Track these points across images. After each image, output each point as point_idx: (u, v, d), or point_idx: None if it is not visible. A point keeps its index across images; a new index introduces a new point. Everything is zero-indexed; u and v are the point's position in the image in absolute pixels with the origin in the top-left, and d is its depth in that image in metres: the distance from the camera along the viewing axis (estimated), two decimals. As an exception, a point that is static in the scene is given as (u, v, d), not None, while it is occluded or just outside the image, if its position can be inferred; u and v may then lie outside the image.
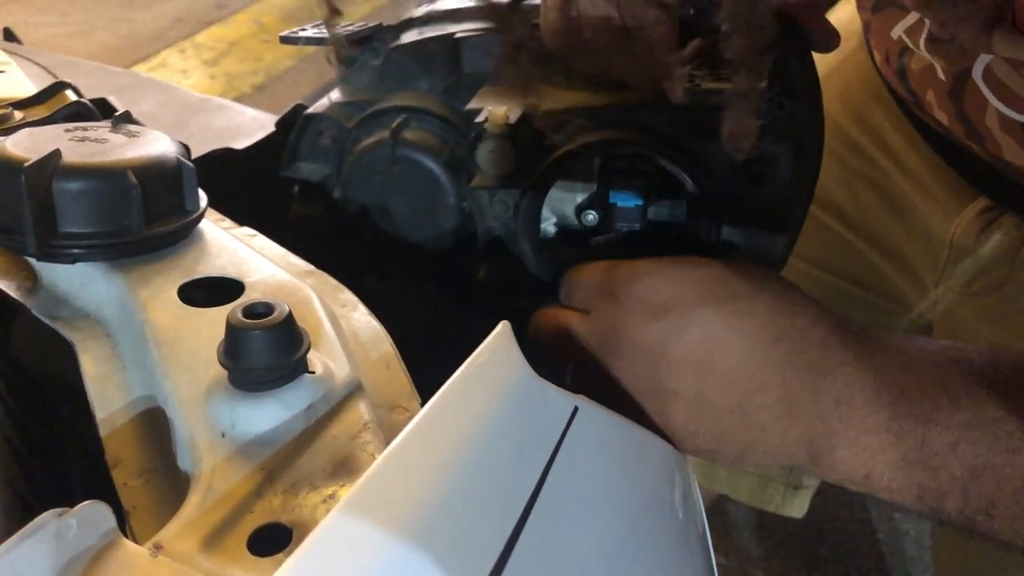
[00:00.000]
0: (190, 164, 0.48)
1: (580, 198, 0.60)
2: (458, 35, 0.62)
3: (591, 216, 0.58)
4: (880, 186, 0.78)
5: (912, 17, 0.65)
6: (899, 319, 0.83)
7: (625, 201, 0.56)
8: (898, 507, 0.40)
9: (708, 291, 0.43)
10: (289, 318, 0.37)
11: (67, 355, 0.45)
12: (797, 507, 1.07)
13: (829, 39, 0.55)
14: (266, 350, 0.36)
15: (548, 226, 0.62)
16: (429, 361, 0.44)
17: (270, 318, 0.36)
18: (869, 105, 0.77)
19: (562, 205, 0.61)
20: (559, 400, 0.36)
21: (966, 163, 0.68)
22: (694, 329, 0.43)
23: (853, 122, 0.78)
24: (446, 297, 0.66)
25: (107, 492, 0.39)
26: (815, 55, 0.57)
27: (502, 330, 0.36)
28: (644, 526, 0.40)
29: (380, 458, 0.26)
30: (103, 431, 0.39)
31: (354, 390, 0.39)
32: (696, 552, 0.46)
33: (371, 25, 0.65)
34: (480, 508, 0.28)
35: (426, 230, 0.63)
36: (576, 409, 0.37)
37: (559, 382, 0.37)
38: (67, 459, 0.46)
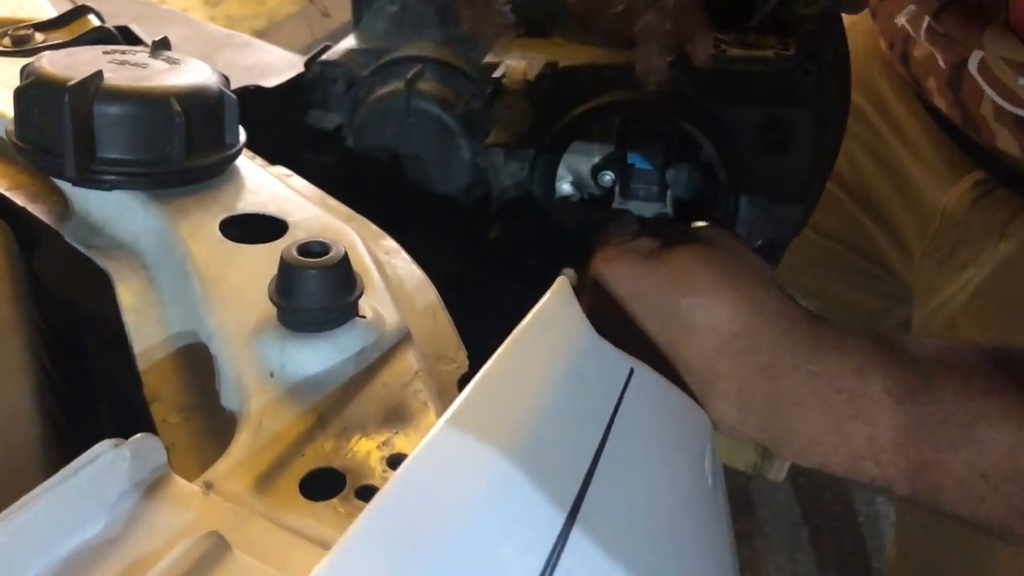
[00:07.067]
0: (232, 96, 0.47)
1: (597, 158, 0.58)
2: None
3: (607, 177, 0.57)
4: (878, 152, 0.79)
5: (914, 6, 0.66)
6: (885, 283, 0.84)
7: (643, 162, 0.55)
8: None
9: (676, 281, 0.44)
10: (345, 260, 0.35)
11: (97, 285, 0.43)
12: (776, 470, 1.08)
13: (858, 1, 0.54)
14: (321, 290, 0.35)
15: (564, 184, 0.60)
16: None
17: (327, 258, 0.35)
18: (874, 72, 0.77)
19: (578, 164, 0.59)
20: (618, 360, 0.36)
21: (964, 140, 0.69)
22: (655, 319, 0.44)
23: (856, 87, 0.78)
24: (461, 251, 0.65)
25: (139, 428, 0.38)
26: None
27: (562, 286, 0.36)
28: (688, 485, 0.40)
29: (469, 388, 0.27)
30: (141, 365, 0.38)
31: (403, 338, 0.38)
32: (721, 511, 0.46)
33: None
34: (560, 442, 0.28)
35: (439, 185, 0.62)
36: (632, 370, 0.36)
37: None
38: (95, 391, 0.45)
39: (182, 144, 0.43)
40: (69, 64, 0.43)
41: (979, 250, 0.70)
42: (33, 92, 0.43)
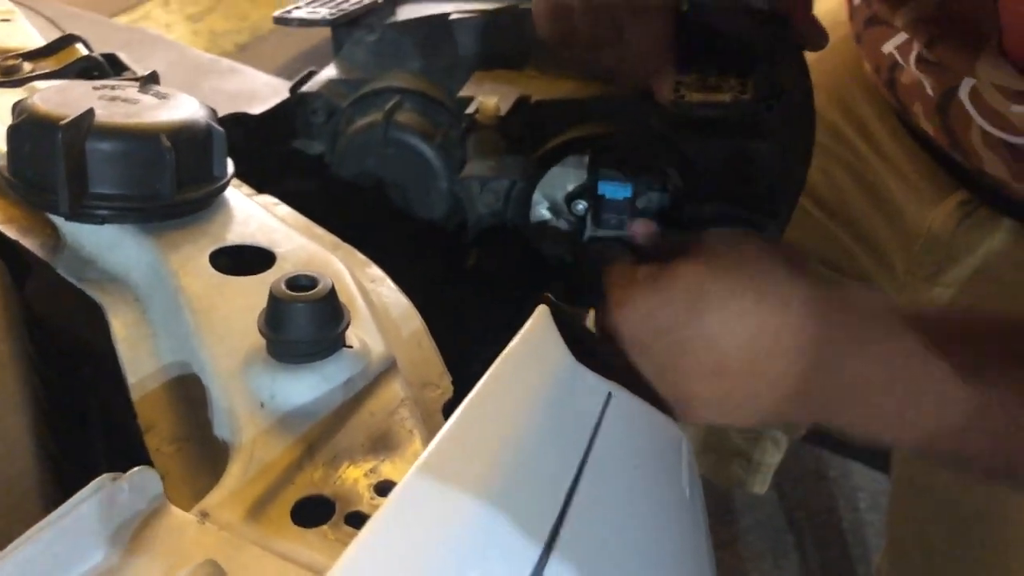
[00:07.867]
0: (220, 129, 0.48)
1: (571, 186, 0.60)
2: (453, 16, 0.62)
3: (580, 206, 0.59)
4: (859, 173, 0.80)
5: (903, 35, 0.67)
6: None
7: (614, 193, 0.57)
8: None
9: (693, 303, 0.44)
10: (332, 292, 0.37)
11: (90, 317, 0.44)
12: (759, 483, 1.09)
13: (819, 38, 0.56)
14: (309, 323, 0.36)
15: (541, 209, 0.62)
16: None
17: (314, 291, 0.36)
18: (854, 94, 0.79)
19: (554, 191, 0.61)
20: (596, 384, 0.37)
21: (947, 160, 0.70)
22: (692, 344, 0.44)
23: (836, 109, 0.79)
24: (442, 277, 0.67)
25: (132, 457, 0.39)
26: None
27: (542, 315, 0.37)
28: (666, 502, 0.41)
29: (445, 427, 0.28)
30: (135, 395, 0.39)
31: (389, 367, 0.39)
32: (700, 523, 0.48)
33: (367, 2, 0.65)
34: (535, 476, 0.30)
35: (419, 212, 0.63)
36: (610, 394, 0.38)
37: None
38: (89, 421, 0.46)
39: (172, 179, 0.44)
40: (61, 101, 0.44)
41: (964, 268, 0.72)
42: (26, 129, 0.44)
